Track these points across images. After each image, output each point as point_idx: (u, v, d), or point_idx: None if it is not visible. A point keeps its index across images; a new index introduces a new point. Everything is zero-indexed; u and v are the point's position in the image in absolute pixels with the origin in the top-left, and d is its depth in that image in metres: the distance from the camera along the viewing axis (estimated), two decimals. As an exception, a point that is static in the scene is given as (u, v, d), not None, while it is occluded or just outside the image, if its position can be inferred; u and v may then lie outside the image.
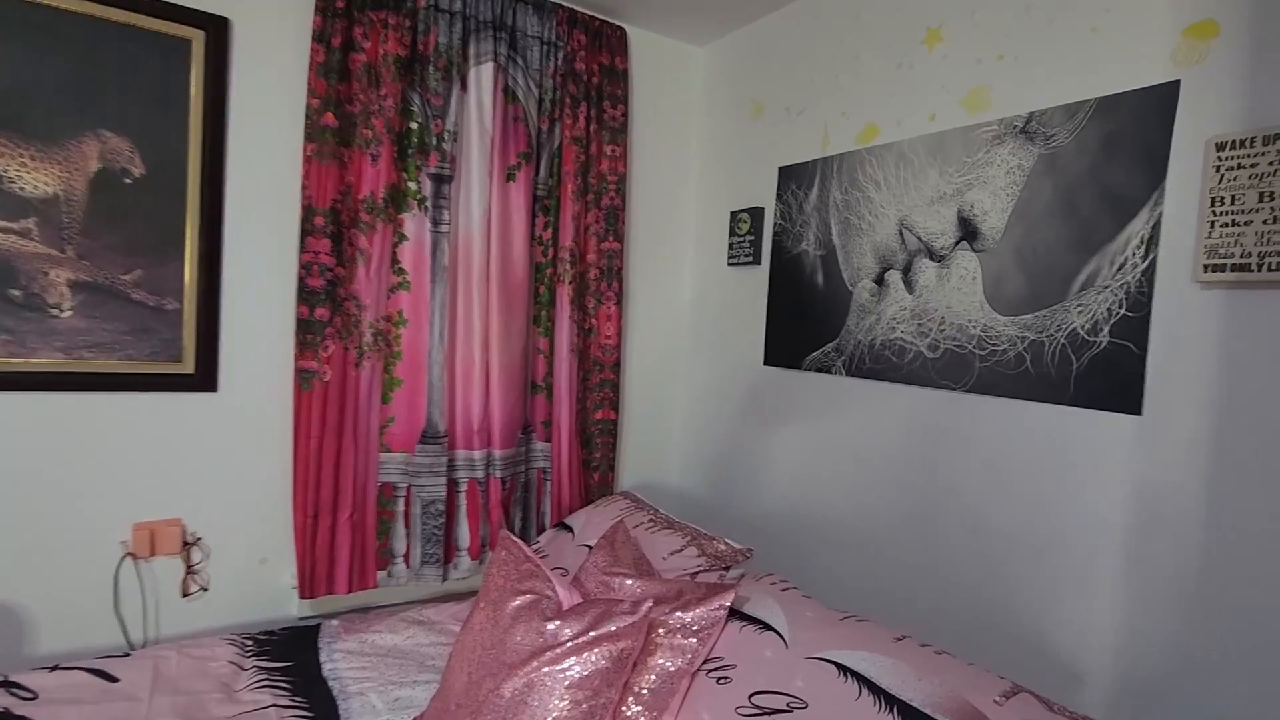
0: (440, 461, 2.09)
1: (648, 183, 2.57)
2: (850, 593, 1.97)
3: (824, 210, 2.12)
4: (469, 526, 2.17)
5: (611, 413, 2.46)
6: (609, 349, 2.43)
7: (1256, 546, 1.24)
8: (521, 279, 2.22)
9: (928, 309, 1.81)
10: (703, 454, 2.59)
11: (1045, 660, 1.53)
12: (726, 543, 1.76)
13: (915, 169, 1.86)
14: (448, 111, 2.05)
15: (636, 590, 1.45)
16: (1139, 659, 1.39)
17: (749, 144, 2.43)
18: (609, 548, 1.64)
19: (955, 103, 1.77)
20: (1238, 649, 1.26)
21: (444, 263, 2.07)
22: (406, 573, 2.10)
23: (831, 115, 2.12)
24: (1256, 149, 1.22)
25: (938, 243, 1.80)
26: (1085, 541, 1.48)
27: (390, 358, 2.04)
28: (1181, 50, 1.36)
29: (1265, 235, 1.21)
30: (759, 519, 2.31)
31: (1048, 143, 1.57)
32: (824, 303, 2.11)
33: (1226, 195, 1.26)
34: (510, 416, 2.21)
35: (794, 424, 2.21)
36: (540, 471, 2.35)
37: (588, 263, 2.37)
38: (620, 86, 2.39)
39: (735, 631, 1.37)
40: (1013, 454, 1.62)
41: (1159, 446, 1.37)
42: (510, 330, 2.19)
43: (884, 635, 1.27)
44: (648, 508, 2.07)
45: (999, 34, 1.68)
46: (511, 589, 1.39)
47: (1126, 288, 1.43)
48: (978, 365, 1.69)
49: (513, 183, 2.18)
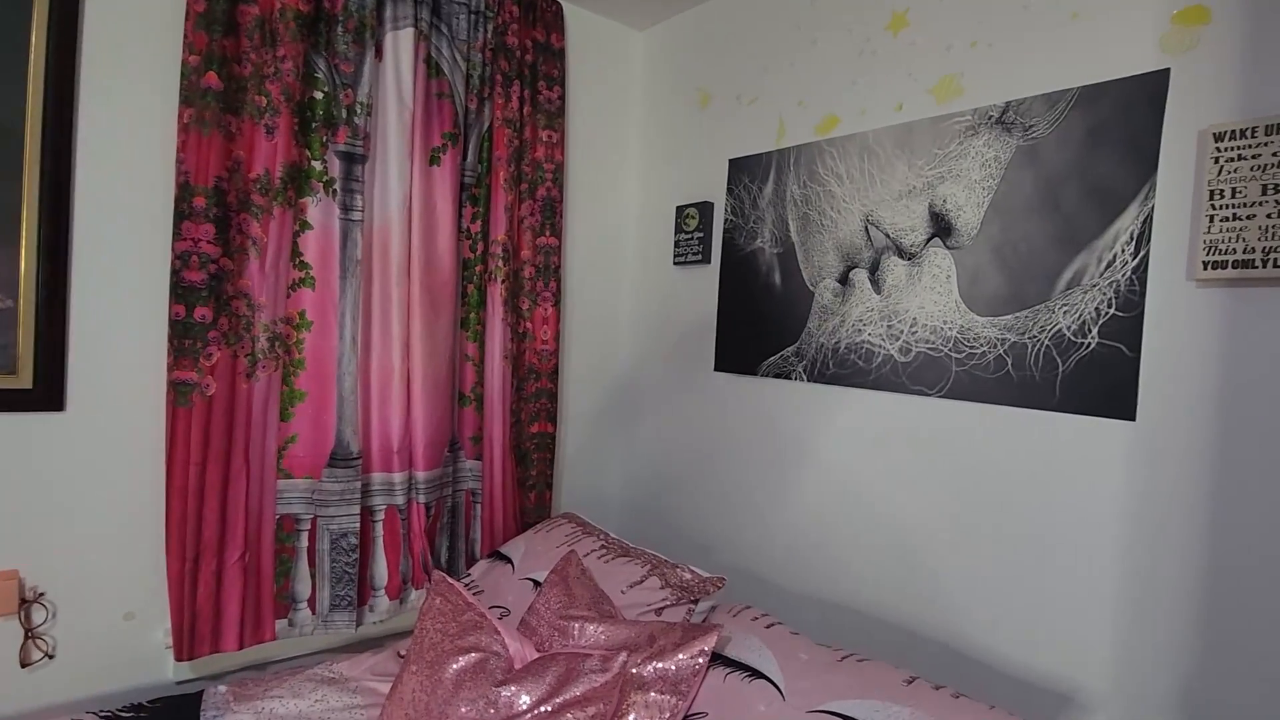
0: (353, 487, 1.79)
1: (587, 173, 2.36)
2: (821, 615, 1.83)
3: (780, 205, 1.98)
4: (387, 561, 1.88)
5: (549, 425, 2.22)
6: (546, 355, 2.20)
7: (1259, 560, 1.18)
8: (447, 276, 1.95)
9: (898, 310, 1.70)
10: (650, 469, 2.40)
11: (1035, 681, 1.44)
12: (693, 570, 1.57)
13: (881, 162, 1.75)
14: (360, 81, 1.76)
15: (601, 637, 1.23)
16: (1136, 678, 1.31)
17: (696, 134, 2.27)
18: (562, 585, 1.42)
19: (924, 91, 1.67)
20: (1241, 666, 1.20)
21: (356, 256, 1.77)
22: (312, 620, 1.78)
23: (787, 104, 1.99)
24: (1259, 139, 1.16)
25: (907, 239, 1.69)
26: (1077, 556, 1.39)
27: (291, 366, 1.73)
28: (1171, 37, 1.30)
29: (1271, 230, 1.15)
30: (715, 538, 2.14)
31: (1027, 134, 1.49)
32: (782, 304, 1.97)
33: (1226, 188, 1.20)
34: (435, 432, 1.94)
35: (750, 435, 2.05)
36: (469, 493, 2.09)
37: (522, 260, 2.13)
38: (556, 66, 2.17)
39: (719, 680, 1.18)
40: (995, 463, 1.52)
41: (1155, 454, 1.30)
42: (435, 334, 1.92)
43: (892, 678, 1.12)
44: (596, 531, 1.85)
45: (971, 19, 1.59)
46: (451, 646, 1.14)
47: (1116, 286, 1.35)
48: (954, 369, 1.59)
49: (437, 167, 1.92)
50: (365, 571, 1.86)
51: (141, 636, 1.65)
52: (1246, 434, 1.20)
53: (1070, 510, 1.41)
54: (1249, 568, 1.19)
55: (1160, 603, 1.29)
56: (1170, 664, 1.27)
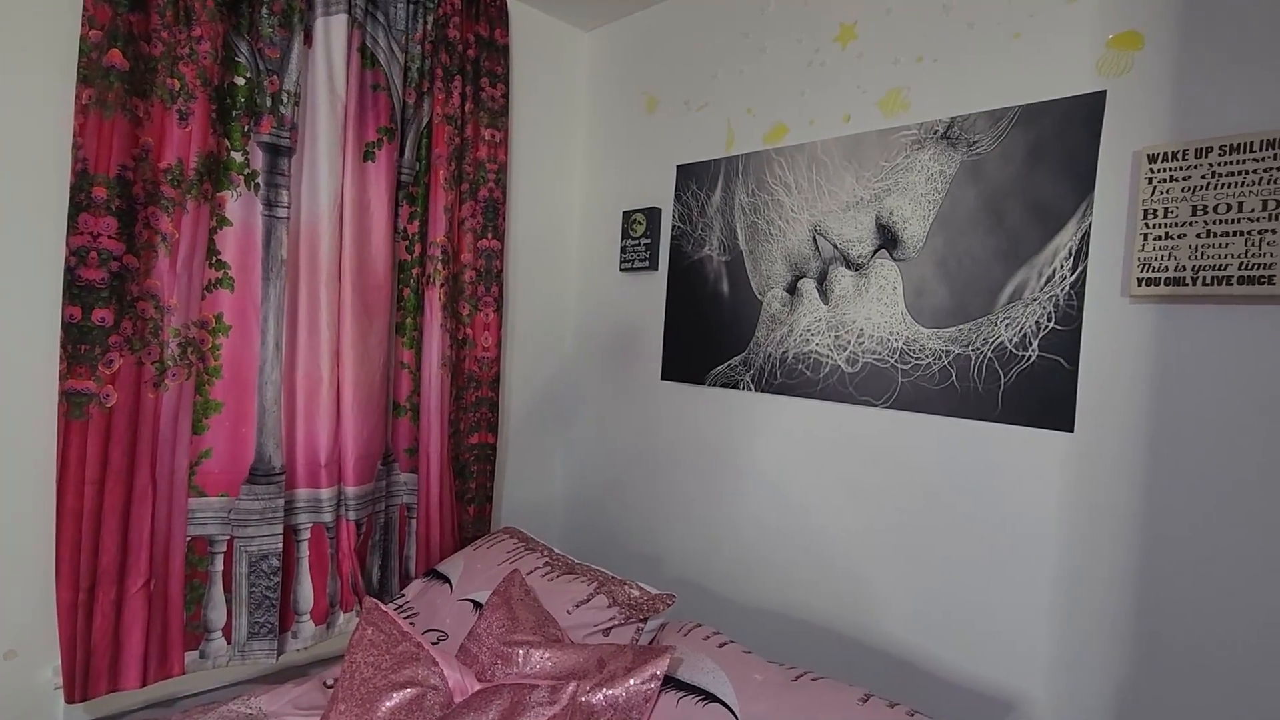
0: (275, 505, 1.66)
1: (532, 175, 2.29)
2: (770, 627, 1.81)
3: (729, 213, 1.97)
4: (313, 584, 1.75)
5: (490, 436, 2.13)
6: (487, 363, 2.11)
7: (1191, 568, 1.22)
8: (382, 279, 1.84)
9: (845, 320, 1.70)
10: (595, 480, 2.34)
11: (980, 689, 1.45)
12: (640, 587, 1.52)
13: (829, 172, 1.75)
14: (286, 68, 1.64)
15: (548, 664, 1.17)
16: (1073, 684, 1.34)
17: (643, 139, 2.23)
18: (505, 607, 1.34)
19: (872, 104, 1.69)
20: (1172, 671, 1.24)
21: (281, 256, 1.65)
22: (228, 650, 1.64)
23: (736, 112, 1.97)
24: (1189, 161, 1.21)
25: (855, 250, 1.69)
26: (1018, 565, 1.42)
27: (205, 375, 1.59)
28: (1107, 61, 1.34)
29: (1199, 249, 1.19)
30: (663, 550, 2.10)
31: (970, 149, 1.51)
32: (730, 313, 1.95)
33: (1159, 208, 1.24)
34: (368, 445, 1.82)
35: (698, 445, 2.02)
36: (404, 508, 1.98)
37: (462, 263, 2.04)
38: (500, 64, 2.09)
39: (672, 705, 1.13)
40: (939, 474, 1.54)
41: (1092, 465, 1.33)
42: (368, 341, 1.81)
43: (846, 697, 1.10)
44: (540, 547, 1.78)
45: (917, 35, 1.61)
46: (384, 681, 1.06)
47: (1055, 301, 1.39)
48: (900, 380, 1.60)
49: (371, 163, 1.81)
50: (288, 596, 1.73)
51: (25, 677, 1.47)
52: (1176, 445, 1.24)
53: (1011, 520, 1.43)
54: (1177, 575, 1.23)
55: (1095, 609, 1.32)
56: (1105, 669, 1.31)
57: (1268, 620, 1.14)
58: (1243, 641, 1.17)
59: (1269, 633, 1.14)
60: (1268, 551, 1.15)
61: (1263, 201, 1.13)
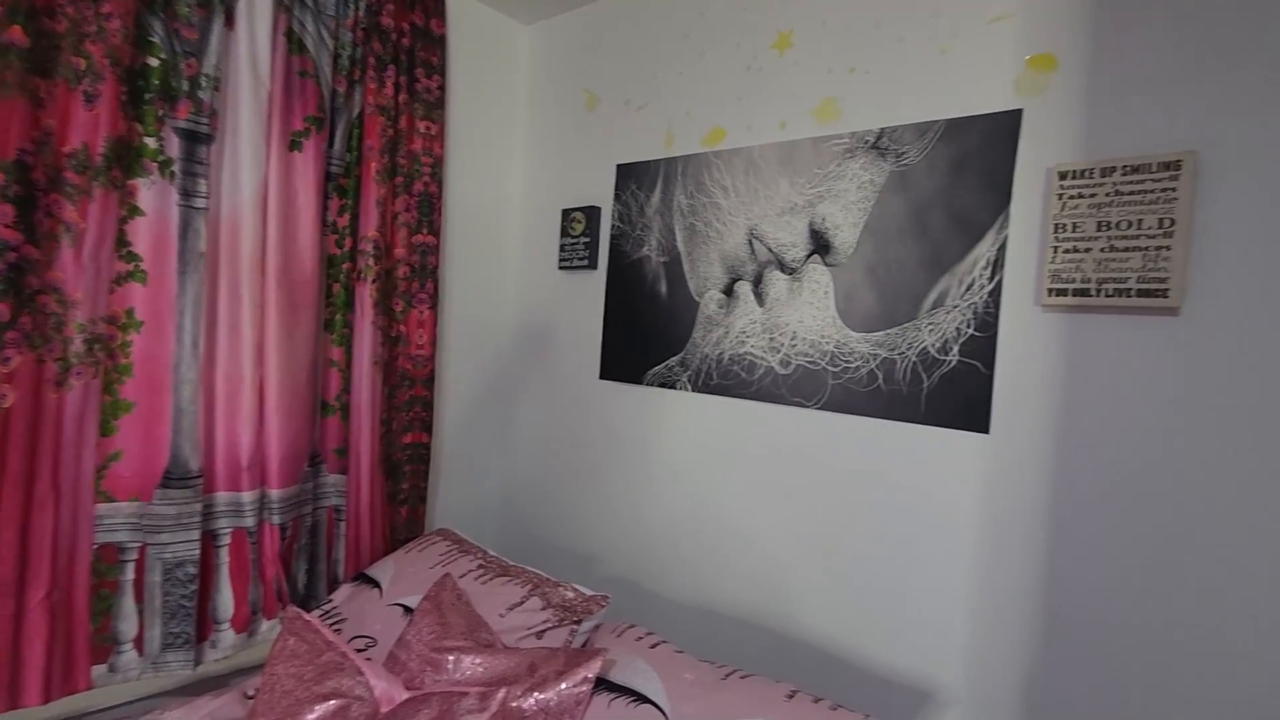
0: (191, 510, 1.58)
1: (469, 170, 2.24)
2: (703, 624, 1.84)
3: (667, 214, 1.98)
4: (233, 591, 1.68)
5: (424, 435, 2.09)
6: (421, 361, 2.06)
7: (1092, 561, 1.30)
8: (310, 274, 1.78)
9: (779, 323, 1.74)
10: (532, 480, 2.32)
11: (898, 680, 1.52)
12: (574, 589, 1.52)
13: (765, 177, 1.78)
14: (205, 50, 1.56)
15: (479, 670, 1.15)
16: (986, 674, 1.42)
17: (583, 137, 2.22)
18: (436, 612, 1.32)
19: (806, 112, 1.72)
20: (1076, 659, 1.32)
21: (199, 248, 1.57)
22: (139, 663, 1.56)
23: (675, 113, 1.98)
24: (1095, 179, 1.28)
25: (789, 255, 1.73)
26: (936, 560, 1.48)
27: (115, 373, 1.50)
28: (1024, 80, 1.41)
29: (1103, 262, 1.27)
30: (599, 549, 2.11)
31: (899, 160, 1.57)
32: (668, 313, 1.97)
33: (1068, 222, 1.31)
34: (293, 446, 1.76)
35: (635, 445, 2.03)
36: (332, 510, 1.92)
37: (396, 258, 1.99)
38: (436, 54, 2.04)
39: (604, 707, 1.14)
40: (866, 473, 1.59)
41: (1005, 464, 1.41)
42: (294, 337, 1.74)
43: (773, 694, 1.13)
44: (474, 549, 1.76)
45: (850, 46, 1.65)
46: (307, 694, 1.03)
47: (974, 308, 1.45)
48: (830, 382, 1.65)
49: (298, 153, 1.74)
50: (206, 604, 1.66)
51: (-92, 698, 1.36)
52: (1081, 446, 1.32)
53: (931, 517, 1.49)
54: (1083, 568, 1.31)
55: (1006, 602, 1.39)
56: (1015, 660, 1.38)
57: (1164, 609, 1.23)
58: (1140, 629, 1.25)
59: (1164, 621, 1.23)
60: (1164, 544, 1.23)
61: (1159, 220, 1.21)
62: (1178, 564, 1.22)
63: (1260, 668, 1.14)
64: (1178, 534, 1.22)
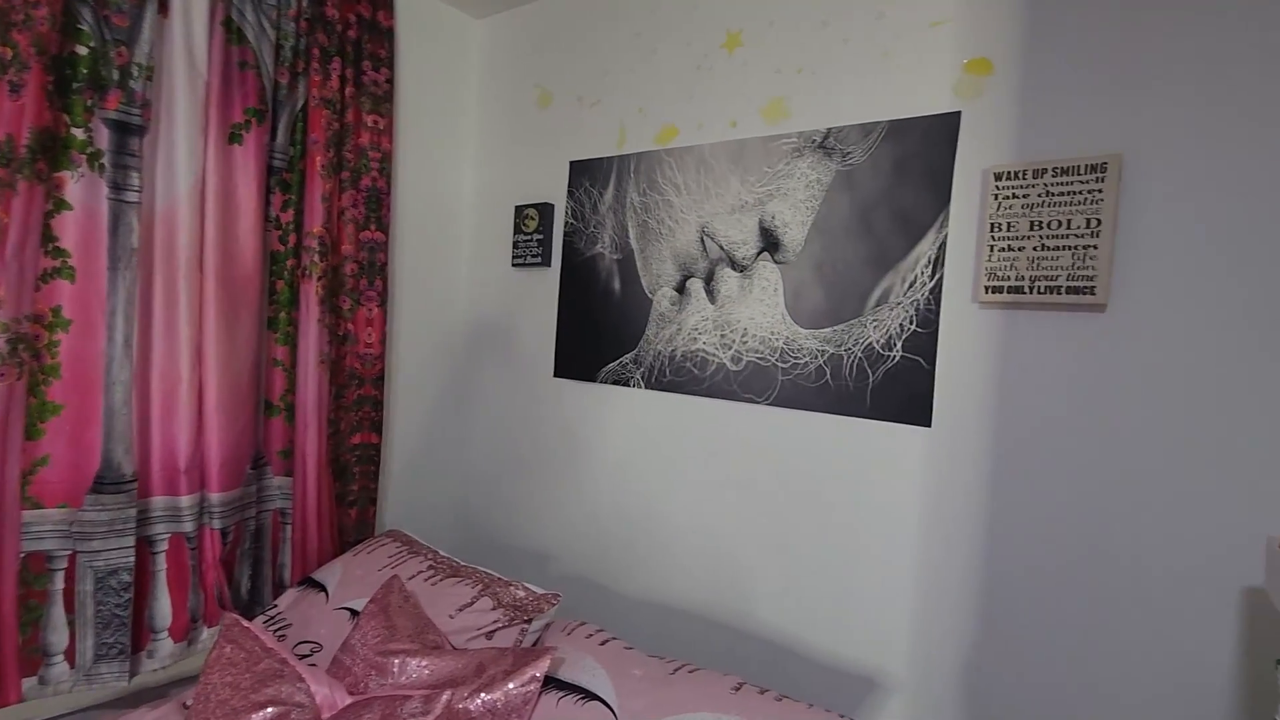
0: (125, 515, 1.52)
1: (419, 165, 2.21)
2: (657, 618, 1.85)
3: (620, 211, 1.98)
4: (172, 599, 1.63)
5: (373, 435, 2.05)
6: (370, 359, 2.02)
7: (1027, 548, 1.35)
8: (251, 271, 1.73)
9: (730, 320, 1.76)
10: (487, 479, 2.30)
11: (845, 668, 1.55)
12: (526, 587, 1.51)
13: (716, 175, 1.79)
14: (138, 38, 1.50)
15: (425, 672, 1.14)
16: (928, 661, 1.46)
17: (537, 133, 2.20)
18: (382, 615, 1.30)
19: (756, 111, 1.74)
20: (1013, 643, 1.36)
21: (132, 244, 1.51)
22: (71, 675, 1.50)
23: (628, 111, 1.99)
24: (1028, 180, 1.33)
25: (739, 252, 1.75)
26: (882, 551, 1.52)
27: (41, 374, 1.44)
28: (962, 84, 1.44)
29: (1036, 261, 1.31)
30: (554, 547, 2.10)
31: (845, 159, 1.59)
32: (621, 311, 1.97)
33: (1004, 222, 1.35)
34: (235, 447, 1.71)
35: (589, 442, 2.03)
36: (278, 513, 1.87)
37: (343, 255, 1.95)
38: (384, 47, 2.00)
39: (552, 705, 1.14)
40: (814, 467, 1.62)
41: (945, 457, 1.45)
42: (235, 336, 1.70)
43: (720, 687, 1.14)
44: (424, 550, 1.73)
45: (797, 47, 1.67)
46: (243, 703, 1.00)
47: (916, 305, 1.49)
48: (780, 378, 1.67)
49: (238, 146, 1.69)
50: (142, 613, 1.60)
51: None
52: (1016, 438, 1.37)
53: (876, 510, 1.53)
54: (1018, 555, 1.36)
55: (948, 590, 1.43)
56: (955, 646, 1.42)
57: (1094, 593, 1.28)
58: (1071, 613, 1.30)
59: (1094, 604, 1.28)
60: (1094, 530, 1.29)
61: (1086, 220, 1.26)
62: (1107, 550, 1.27)
63: (1179, 650, 1.20)
64: (1106, 520, 1.27)
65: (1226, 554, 1.16)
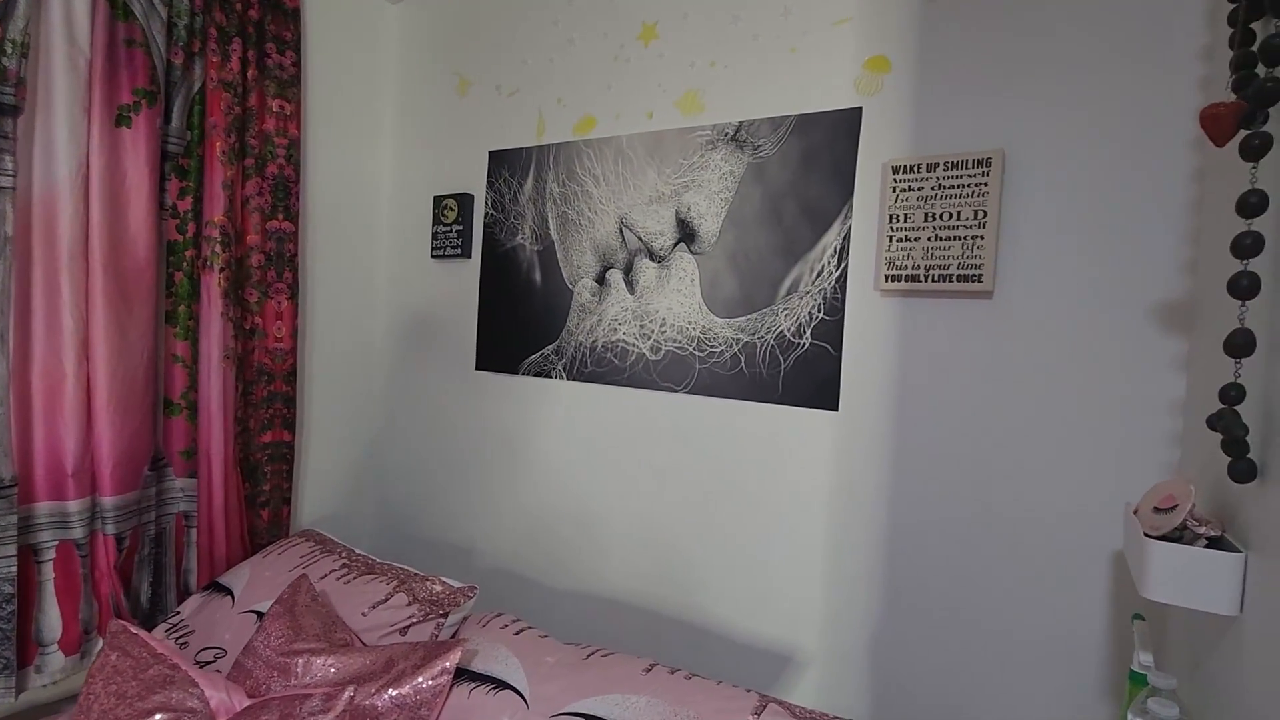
0: (4, 523, 1.42)
1: (331, 153, 2.13)
2: (580, 609, 1.86)
3: (540, 202, 1.97)
4: (61, 609, 1.53)
5: (285, 433, 1.98)
6: (280, 354, 1.95)
7: (927, 522, 1.42)
8: (144, 262, 1.64)
9: (649, 310, 1.77)
10: (408, 475, 2.25)
11: (762, 646, 1.60)
12: (443, 582, 1.49)
13: (634, 167, 1.81)
14: (11, 13, 1.40)
15: (330, 671, 1.11)
16: (838, 635, 1.52)
17: (454, 122, 2.16)
18: (287, 615, 1.26)
19: (671, 103, 1.76)
20: (914, 610, 1.44)
21: (5, 231, 1.41)
22: (-57, 696, 1.39)
23: (546, 101, 1.97)
24: (922, 174, 1.39)
25: (657, 243, 1.77)
26: (794, 532, 1.57)
27: (-100, 373, 1.32)
28: (862, 80, 1.50)
29: (930, 250, 1.38)
30: (477, 541, 2.08)
31: (756, 152, 1.63)
32: (543, 302, 1.96)
33: (901, 214, 1.42)
34: (130, 448, 1.62)
35: (511, 434, 2.02)
36: (181, 516, 1.78)
37: (248, 245, 1.86)
38: (289, 29, 1.92)
39: (464, 697, 1.13)
40: (730, 452, 1.66)
41: (851, 439, 1.51)
42: (126, 331, 1.60)
43: (632, 669, 1.16)
44: (338, 549, 1.69)
45: (710, 40, 1.70)
46: (129, 711, 0.95)
47: (824, 293, 1.54)
48: (698, 366, 1.70)
49: (126, 128, 1.59)
50: (28, 625, 1.50)
51: None
52: (914, 418, 1.44)
53: (789, 492, 1.58)
54: (917, 528, 1.43)
55: (854, 568, 1.50)
56: (862, 619, 1.49)
57: (983, 560, 1.36)
58: (964, 580, 1.38)
59: (984, 571, 1.36)
60: (984, 504, 1.36)
61: (974, 211, 1.33)
62: (993, 518, 1.35)
63: (1055, 604, 1.29)
64: (992, 489, 1.35)
65: (1098, 517, 1.25)
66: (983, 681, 1.36)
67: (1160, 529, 0.88)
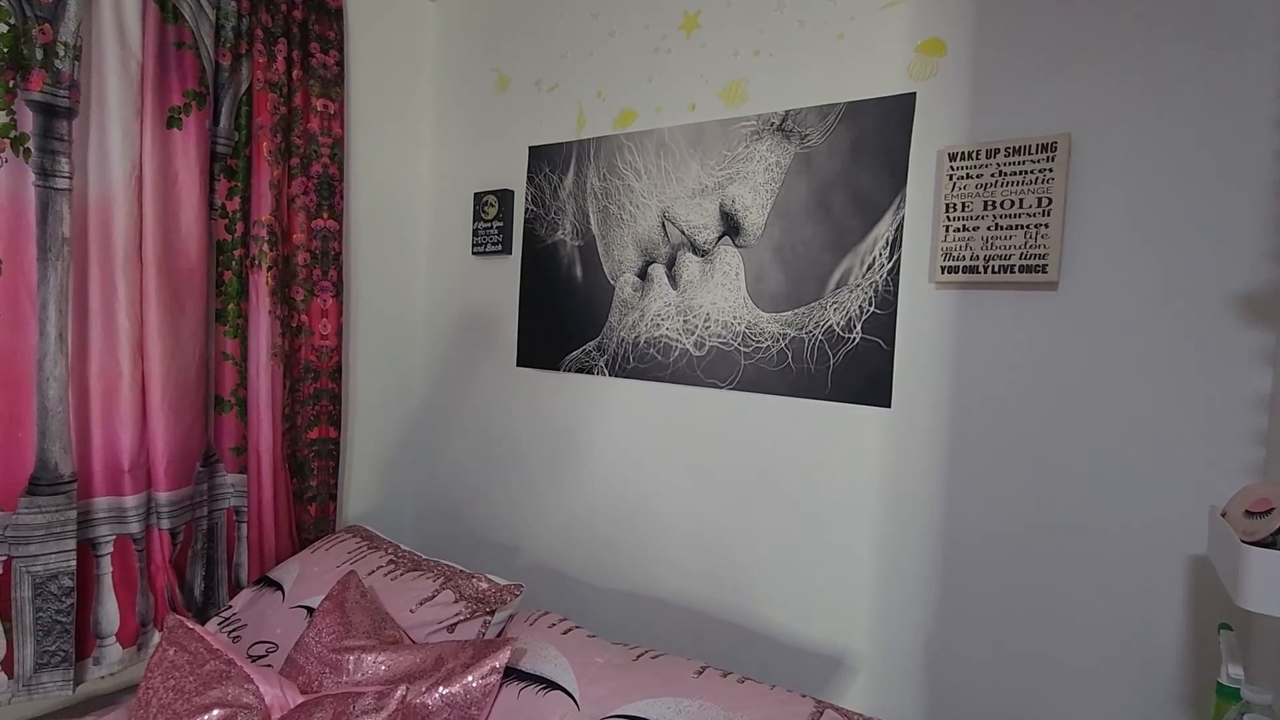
0: (65, 518, 1.46)
1: (374, 151, 2.15)
2: (625, 608, 1.84)
3: (581, 197, 1.95)
4: (119, 602, 1.57)
5: (331, 429, 2.00)
6: (326, 352, 1.97)
7: (983, 526, 1.37)
8: (195, 261, 1.66)
9: (693, 305, 1.74)
10: (450, 471, 2.26)
11: (811, 649, 1.56)
12: (489, 579, 1.49)
13: (676, 159, 1.78)
14: (63, 16, 1.43)
15: (381, 668, 1.11)
16: (890, 639, 1.47)
17: (494, 118, 2.16)
18: (338, 612, 1.26)
19: (714, 94, 1.73)
20: (970, 613, 1.38)
21: (63, 233, 1.44)
22: (9, 686, 1.43)
23: (586, 95, 1.95)
24: (981, 161, 1.33)
25: (700, 236, 1.74)
26: (844, 531, 1.53)
27: (-34, 372, 1.36)
28: (916, 65, 1.45)
29: (990, 240, 1.33)
30: (521, 538, 2.07)
31: (803, 142, 1.59)
32: (584, 298, 1.94)
33: (958, 202, 1.36)
34: (183, 445, 1.65)
35: (554, 431, 2.00)
36: (232, 512, 1.82)
37: (294, 244, 1.89)
38: (333, 29, 1.94)
39: (514, 697, 1.12)
40: (777, 451, 1.62)
41: (905, 437, 1.46)
42: (179, 330, 1.63)
43: (683, 671, 1.13)
44: (385, 544, 1.69)
45: (754, 29, 1.66)
46: (187, 706, 0.96)
47: (875, 286, 1.49)
48: (743, 362, 1.66)
49: (178, 130, 1.62)
50: (87, 618, 1.54)
51: None
52: (972, 417, 1.38)
53: (838, 490, 1.53)
54: (974, 529, 1.38)
55: (907, 569, 1.45)
56: (916, 622, 1.44)
57: (1047, 564, 1.30)
58: (1026, 585, 1.32)
59: (1047, 577, 1.30)
60: (1047, 504, 1.31)
61: (1038, 199, 1.27)
62: (1058, 520, 1.29)
63: (1127, 614, 1.23)
64: (1057, 491, 1.29)
65: (1174, 521, 1.18)
66: (1044, 692, 1.30)
67: (1255, 534, 0.82)
